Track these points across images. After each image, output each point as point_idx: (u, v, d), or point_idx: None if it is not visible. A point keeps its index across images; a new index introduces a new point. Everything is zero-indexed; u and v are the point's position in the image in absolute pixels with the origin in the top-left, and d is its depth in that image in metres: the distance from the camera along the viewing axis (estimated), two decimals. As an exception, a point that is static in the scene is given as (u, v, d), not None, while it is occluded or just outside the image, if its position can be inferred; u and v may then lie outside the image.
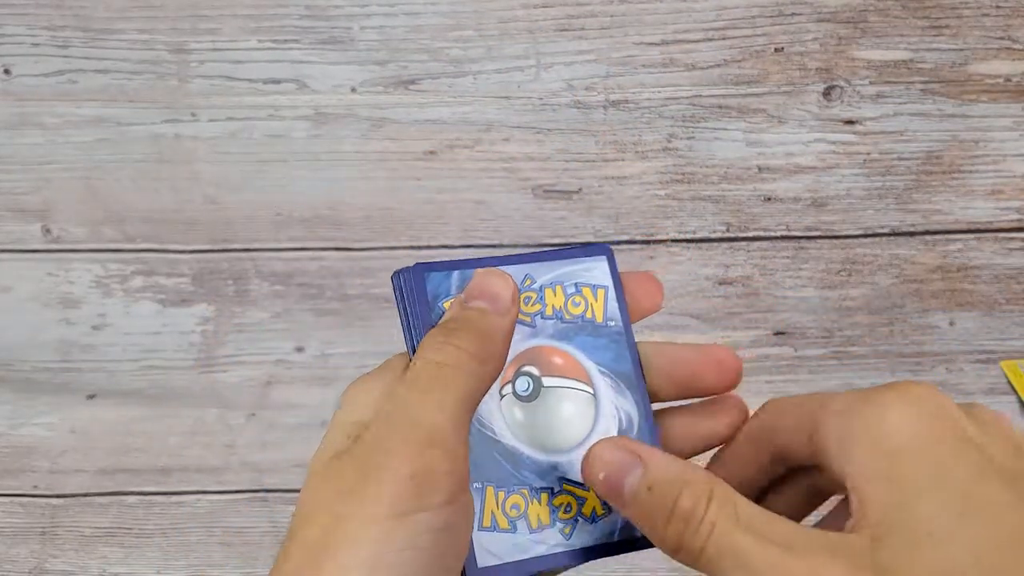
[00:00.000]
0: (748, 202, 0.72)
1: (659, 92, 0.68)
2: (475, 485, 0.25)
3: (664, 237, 0.73)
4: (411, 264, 0.28)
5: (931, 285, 0.73)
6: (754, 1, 0.66)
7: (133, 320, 0.74)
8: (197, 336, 0.74)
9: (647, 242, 0.73)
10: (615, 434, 0.28)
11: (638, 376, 0.29)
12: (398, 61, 0.68)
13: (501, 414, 0.27)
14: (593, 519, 0.27)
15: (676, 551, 0.25)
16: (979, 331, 0.73)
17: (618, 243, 0.73)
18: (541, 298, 0.28)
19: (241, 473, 0.69)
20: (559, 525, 0.26)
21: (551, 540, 0.26)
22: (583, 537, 0.27)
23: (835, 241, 0.72)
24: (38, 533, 0.68)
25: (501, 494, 0.26)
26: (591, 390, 0.28)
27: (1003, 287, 0.73)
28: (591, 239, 0.73)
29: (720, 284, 0.74)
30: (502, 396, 0.27)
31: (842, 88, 0.68)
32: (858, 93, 0.68)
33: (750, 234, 0.72)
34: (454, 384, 0.24)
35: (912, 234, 0.71)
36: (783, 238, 0.72)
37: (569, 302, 0.29)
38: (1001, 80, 0.67)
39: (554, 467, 0.27)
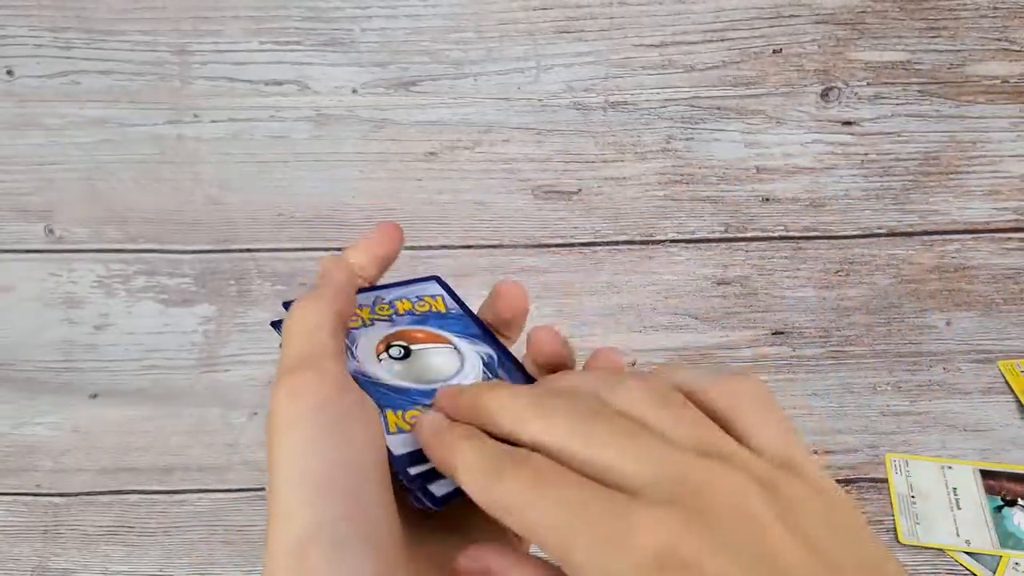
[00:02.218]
0: (746, 203, 0.72)
1: (658, 93, 0.69)
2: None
3: (663, 237, 0.73)
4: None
5: (928, 285, 0.73)
6: (752, 3, 0.66)
7: (135, 320, 0.75)
8: (199, 336, 0.74)
9: (646, 242, 0.73)
10: (481, 368, 0.34)
11: (487, 333, 0.36)
12: (399, 63, 0.69)
13: (383, 370, 0.33)
14: None
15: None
16: (976, 331, 0.73)
17: (617, 243, 0.73)
18: (392, 305, 0.36)
19: (243, 472, 0.69)
20: None
21: None
22: None
23: (833, 241, 0.72)
24: (40, 532, 0.68)
25: (400, 412, 0.31)
26: (452, 345, 0.35)
27: (1000, 287, 0.73)
28: (590, 239, 0.73)
29: (718, 284, 0.74)
30: (380, 360, 0.33)
31: (840, 89, 0.68)
32: (856, 94, 0.68)
33: (748, 234, 0.73)
34: (319, 317, 0.30)
35: (910, 234, 0.72)
36: (781, 238, 0.73)
37: (415, 305, 0.37)
38: (998, 81, 0.68)
39: (437, 391, 0.33)
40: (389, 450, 0.30)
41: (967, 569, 0.59)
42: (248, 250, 0.73)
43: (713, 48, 0.67)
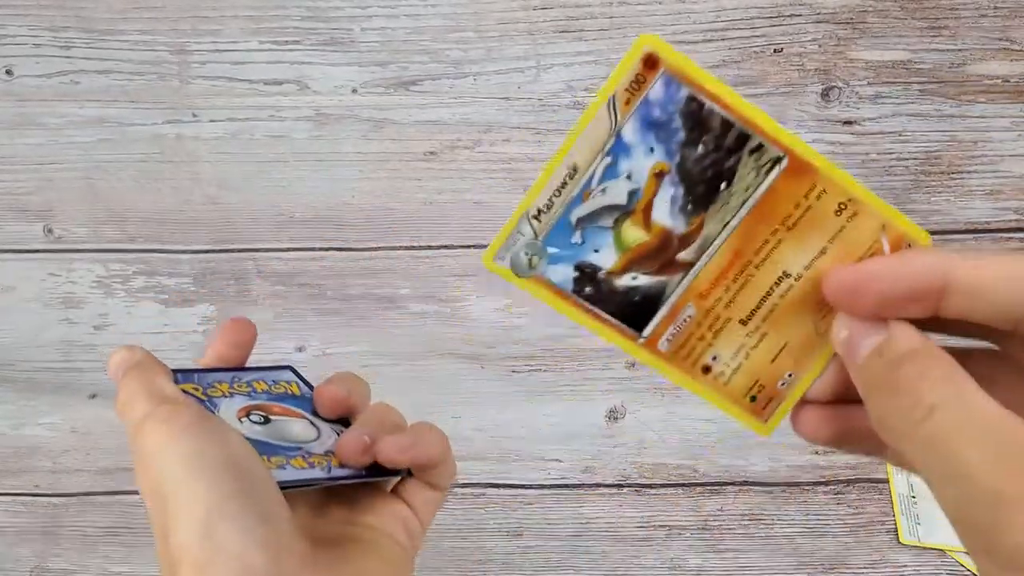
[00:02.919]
0: (747, 202, 0.72)
1: (658, 93, 0.69)
2: None
3: (663, 237, 0.73)
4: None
5: (929, 285, 0.73)
6: (753, 2, 0.66)
7: (135, 320, 0.75)
8: (199, 336, 0.74)
9: (647, 242, 0.73)
10: (334, 439, 0.37)
11: (341, 418, 0.39)
12: (399, 62, 0.68)
13: (245, 430, 0.35)
14: (342, 466, 0.35)
15: (880, 425, 0.25)
16: (977, 331, 0.73)
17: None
18: (250, 385, 0.39)
19: (242, 472, 0.69)
20: (318, 468, 0.34)
21: (317, 473, 0.34)
22: (340, 473, 0.35)
23: (834, 241, 0.72)
24: (40, 532, 0.68)
25: (265, 458, 0.33)
26: (309, 418, 0.38)
27: (1001, 287, 0.73)
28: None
29: (719, 284, 0.74)
30: (242, 422, 0.35)
31: (840, 89, 0.68)
32: (856, 94, 0.68)
33: (749, 234, 0.73)
34: (152, 379, 0.34)
35: (910, 234, 0.72)
36: (782, 238, 0.73)
37: (272, 387, 0.39)
38: (999, 81, 0.68)
39: (298, 447, 0.35)
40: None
41: (968, 570, 0.59)
42: (247, 250, 0.73)
43: (713, 48, 0.67)
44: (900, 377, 0.24)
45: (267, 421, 0.36)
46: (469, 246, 0.72)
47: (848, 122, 0.69)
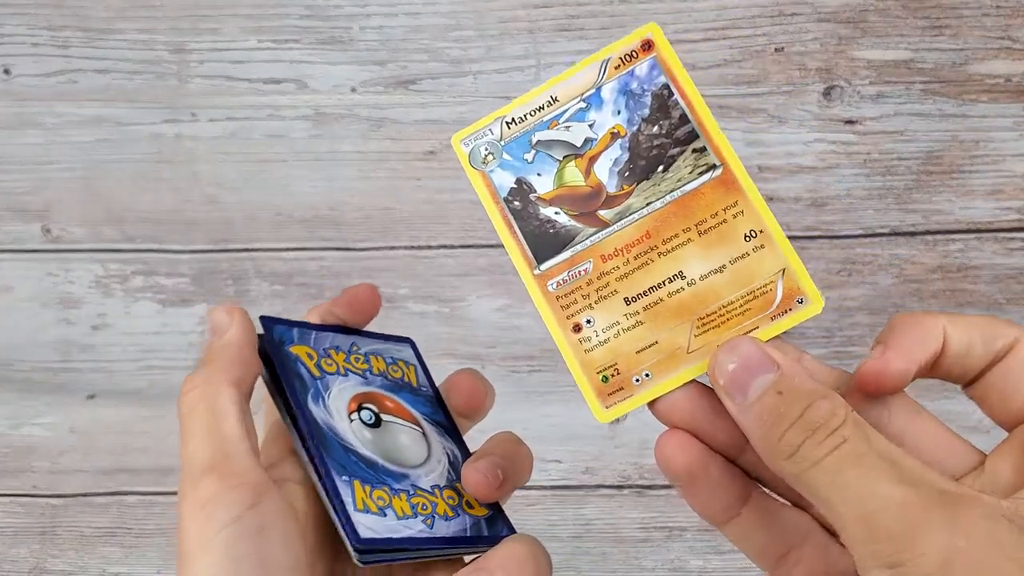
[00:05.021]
0: (748, 202, 0.72)
1: (659, 92, 0.68)
2: (343, 478, 0.30)
3: (664, 237, 0.73)
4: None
5: (931, 285, 0.73)
6: (754, 1, 0.66)
7: (133, 320, 0.74)
8: (197, 336, 0.74)
9: (647, 242, 0.73)
10: (447, 465, 0.34)
11: (452, 425, 0.36)
12: (398, 61, 0.68)
13: (352, 433, 0.32)
14: (446, 518, 0.32)
15: (786, 458, 0.25)
16: (979, 331, 0.73)
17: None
18: (367, 360, 0.36)
19: (241, 473, 0.69)
20: (420, 517, 0.31)
21: (416, 527, 0.31)
22: (441, 529, 0.32)
23: (835, 241, 0.72)
24: (38, 533, 0.68)
25: (367, 487, 0.30)
26: (420, 429, 0.34)
27: (1003, 287, 0.73)
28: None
29: (720, 284, 0.74)
30: (351, 420, 0.33)
31: (842, 88, 0.68)
32: (858, 93, 0.68)
33: (750, 234, 0.72)
34: (216, 400, 0.29)
35: (912, 234, 0.72)
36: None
37: (390, 368, 0.36)
38: (1001, 80, 0.67)
39: (405, 476, 0.32)
40: (354, 527, 0.29)
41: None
42: (246, 250, 0.73)
43: (715, 46, 0.67)
44: (814, 413, 0.25)
45: (378, 423, 0.33)
46: (469, 246, 0.72)
47: (850, 121, 0.69)
